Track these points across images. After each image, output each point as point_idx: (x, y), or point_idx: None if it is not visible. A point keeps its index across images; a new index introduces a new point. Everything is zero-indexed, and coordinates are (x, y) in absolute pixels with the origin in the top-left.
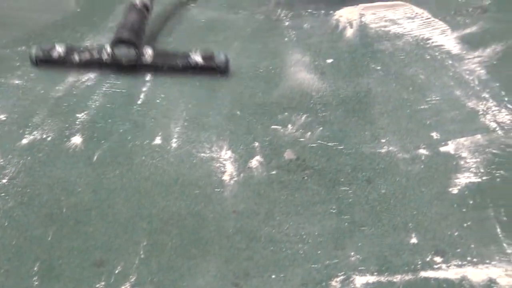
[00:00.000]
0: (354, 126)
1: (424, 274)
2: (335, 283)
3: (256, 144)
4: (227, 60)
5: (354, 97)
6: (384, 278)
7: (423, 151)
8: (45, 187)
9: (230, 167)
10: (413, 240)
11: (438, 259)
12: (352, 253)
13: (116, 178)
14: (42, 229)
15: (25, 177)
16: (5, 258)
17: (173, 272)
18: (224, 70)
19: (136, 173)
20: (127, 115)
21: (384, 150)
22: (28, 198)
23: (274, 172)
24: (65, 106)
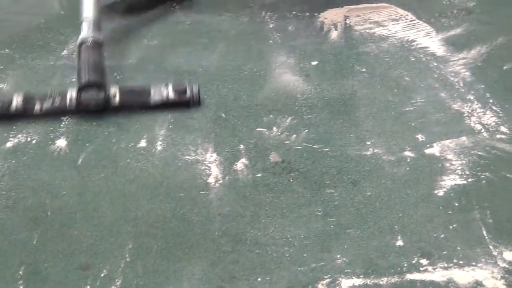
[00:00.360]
0: (339, 128)
1: (410, 276)
2: (321, 286)
3: (241, 146)
4: (199, 92)
5: (339, 99)
6: (370, 280)
7: (408, 153)
8: (30, 190)
9: (215, 170)
10: (399, 242)
11: (424, 262)
12: (338, 256)
13: (101, 181)
14: (27, 232)
15: (9, 181)
16: None
17: (159, 275)
18: (198, 103)
19: (121, 176)
20: (112, 118)
21: (370, 152)
22: (12, 202)
23: (259, 174)
24: None
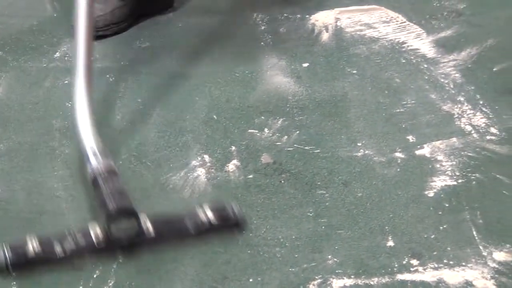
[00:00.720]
0: (330, 129)
1: (400, 276)
2: (313, 286)
3: (233, 148)
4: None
5: (330, 100)
6: (361, 281)
7: (399, 154)
8: (23, 192)
9: (207, 171)
10: (390, 243)
11: (414, 262)
12: (329, 256)
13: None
14: (20, 233)
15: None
16: None
17: (151, 275)
18: (242, 225)
19: None
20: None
21: (360, 153)
22: (5, 203)
23: (251, 176)
24: (43, 112)
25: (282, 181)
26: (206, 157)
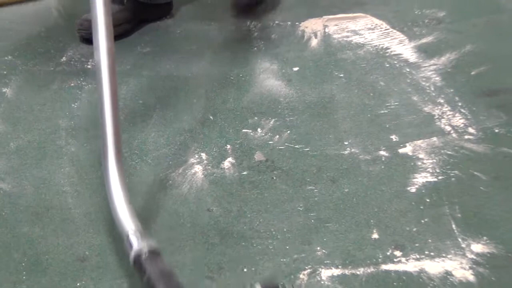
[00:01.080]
0: (319, 129)
1: (385, 267)
2: (303, 275)
3: (228, 146)
4: None
5: (319, 102)
6: (348, 271)
7: (383, 152)
8: (31, 187)
9: (204, 169)
10: (375, 235)
11: (398, 253)
12: (318, 248)
13: (97, 179)
14: (29, 227)
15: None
16: None
17: None
18: None
19: None
20: None
21: (347, 152)
22: (15, 198)
23: (245, 172)
24: (50, 112)
25: (274, 178)
26: (203, 155)
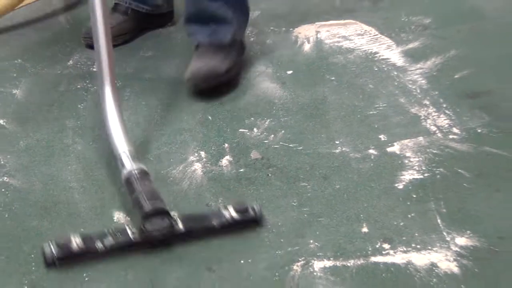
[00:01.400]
0: (312, 129)
1: (374, 259)
2: (296, 267)
3: (226, 145)
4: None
5: (311, 104)
6: (339, 262)
7: (372, 151)
8: (40, 183)
9: (203, 166)
10: (364, 229)
11: (386, 246)
12: (311, 241)
13: (102, 176)
14: (38, 220)
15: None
16: (6, 246)
17: (155, 258)
18: (261, 221)
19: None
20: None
21: (338, 150)
22: (25, 193)
23: (242, 170)
24: (57, 113)
25: (269, 175)
26: (202, 153)
